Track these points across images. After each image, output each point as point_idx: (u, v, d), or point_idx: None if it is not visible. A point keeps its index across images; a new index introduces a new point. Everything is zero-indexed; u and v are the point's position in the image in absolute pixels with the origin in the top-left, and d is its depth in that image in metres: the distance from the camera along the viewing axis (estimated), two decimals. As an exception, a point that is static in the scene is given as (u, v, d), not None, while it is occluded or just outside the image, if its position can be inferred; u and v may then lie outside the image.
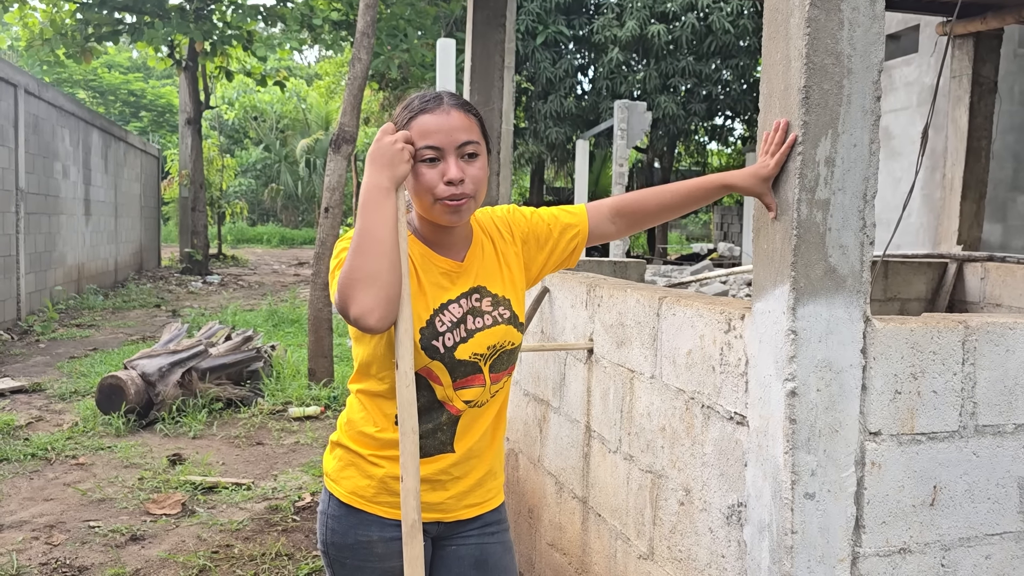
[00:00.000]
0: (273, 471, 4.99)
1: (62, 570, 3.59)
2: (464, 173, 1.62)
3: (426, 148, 1.60)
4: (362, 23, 6.69)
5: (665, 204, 1.87)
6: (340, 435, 1.78)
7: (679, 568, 2.19)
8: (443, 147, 1.61)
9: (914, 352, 1.77)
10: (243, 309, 12.09)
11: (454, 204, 1.62)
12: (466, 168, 1.63)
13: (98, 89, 33.97)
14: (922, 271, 5.05)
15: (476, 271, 1.76)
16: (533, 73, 18.83)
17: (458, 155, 1.62)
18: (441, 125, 1.61)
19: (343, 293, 1.49)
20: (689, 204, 1.87)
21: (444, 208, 1.63)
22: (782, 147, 1.70)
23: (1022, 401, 1.86)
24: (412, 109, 1.65)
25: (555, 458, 3.07)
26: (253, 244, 30.39)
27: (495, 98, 4.29)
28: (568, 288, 2.97)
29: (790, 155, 1.71)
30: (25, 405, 6.41)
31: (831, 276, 1.71)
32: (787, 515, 1.72)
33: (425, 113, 1.63)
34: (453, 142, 1.61)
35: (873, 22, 1.69)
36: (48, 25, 14.51)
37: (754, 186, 1.76)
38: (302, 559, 3.71)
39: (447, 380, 1.68)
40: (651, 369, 2.35)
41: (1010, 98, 9.28)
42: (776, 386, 1.74)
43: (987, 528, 1.86)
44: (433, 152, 1.61)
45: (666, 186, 1.90)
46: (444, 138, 1.61)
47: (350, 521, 1.72)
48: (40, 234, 11.32)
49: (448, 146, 1.61)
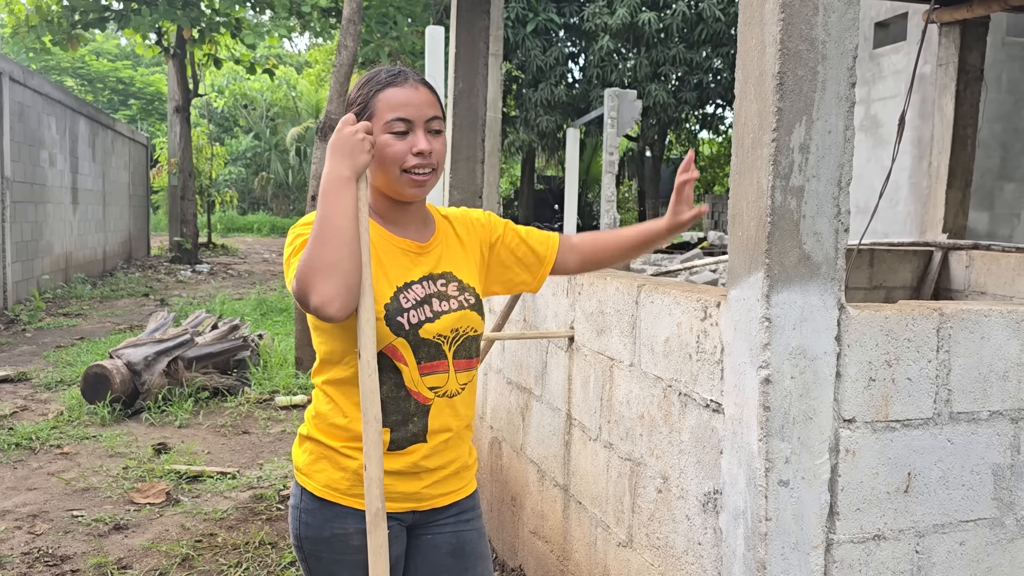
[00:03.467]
0: (259, 460, 4.98)
1: (44, 559, 3.57)
2: (431, 146, 1.66)
3: (397, 120, 1.64)
4: (348, 10, 6.65)
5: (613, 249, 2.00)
6: (309, 428, 1.76)
7: (657, 555, 2.20)
8: (414, 119, 1.65)
9: (889, 339, 1.77)
10: (232, 298, 12.04)
11: (420, 178, 1.66)
12: (432, 142, 1.67)
13: (86, 77, 33.70)
14: (908, 259, 5.06)
15: (440, 255, 1.77)
16: (523, 61, 18.77)
17: (426, 129, 1.67)
18: (411, 99, 1.66)
19: (303, 282, 1.49)
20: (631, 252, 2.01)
21: (410, 181, 1.67)
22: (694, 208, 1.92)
23: (997, 388, 1.87)
24: (379, 82, 1.68)
25: (537, 446, 3.07)
26: (243, 233, 30.26)
27: (479, 85, 4.26)
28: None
29: (764, 142, 1.70)
30: (10, 394, 6.38)
31: (805, 263, 1.70)
32: (761, 502, 1.72)
33: (393, 87, 1.67)
34: (423, 116, 1.66)
35: (848, 7, 1.68)
36: (34, 12, 14.36)
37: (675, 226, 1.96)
38: (286, 547, 3.70)
39: (411, 360, 1.67)
40: (630, 357, 2.34)
41: (997, 86, 9.30)
42: (750, 373, 1.74)
43: (961, 515, 1.87)
44: (403, 125, 1.65)
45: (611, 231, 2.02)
46: (415, 111, 1.65)
47: (325, 515, 1.71)
48: (26, 223, 11.25)
49: (418, 119, 1.66)
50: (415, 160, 1.65)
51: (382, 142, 1.64)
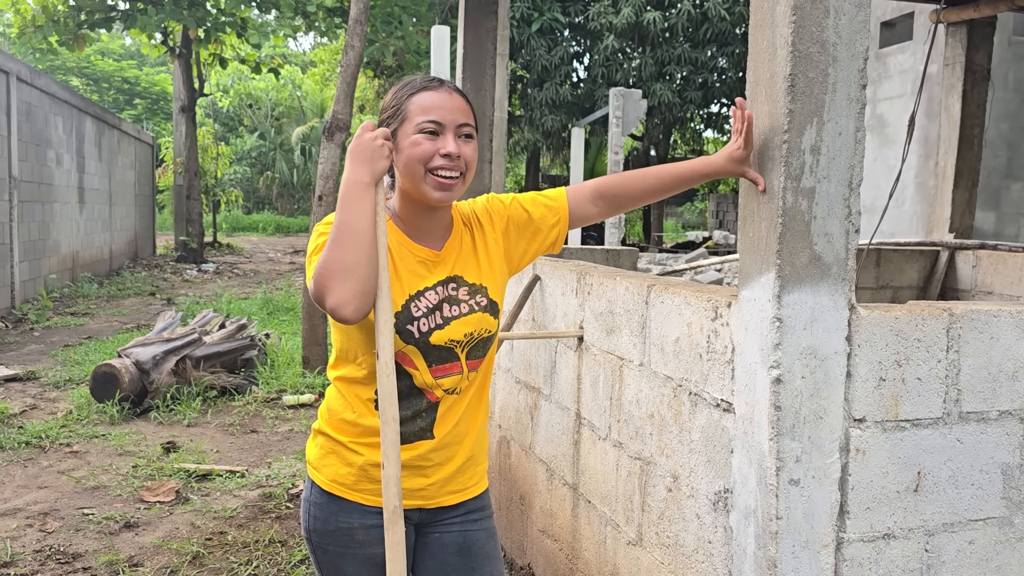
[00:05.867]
0: (267, 458, 5.01)
1: (56, 557, 3.60)
2: (460, 150, 1.66)
3: (428, 122, 1.66)
4: (355, 11, 6.66)
5: (648, 188, 1.88)
6: (321, 423, 1.80)
7: (667, 554, 2.21)
8: (445, 123, 1.67)
9: (899, 339, 1.79)
10: (238, 297, 12.08)
11: (446, 180, 1.66)
12: (462, 147, 1.68)
13: (92, 76, 33.79)
14: (914, 259, 5.07)
15: (453, 261, 1.77)
16: (529, 60, 18.78)
17: (456, 134, 1.68)
18: (444, 102, 1.67)
19: (320, 284, 1.52)
20: (670, 189, 1.89)
21: (435, 182, 1.66)
22: (744, 124, 1.74)
23: (1006, 388, 1.88)
24: (414, 86, 1.70)
25: (546, 445, 3.09)
26: (248, 232, 30.33)
27: (487, 86, 4.28)
28: (559, 276, 2.98)
29: (775, 143, 1.71)
30: (19, 393, 6.42)
31: (816, 264, 1.71)
32: (772, 501, 1.74)
33: (428, 91, 1.69)
34: (454, 120, 1.67)
35: (859, 10, 1.69)
36: (40, 12, 14.42)
37: (732, 168, 1.79)
38: (295, 546, 3.73)
39: (422, 365, 1.70)
40: (640, 357, 2.36)
41: (1004, 86, 9.29)
42: (761, 373, 1.75)
43: (971, 513, 1.88)
44: (434, 126, 1.66)
45: (648, 169, 1.90)
46: (447, 114, 1.67)
47: (331, 508, 1.74)
48: (34, 222, 11.29)
49: (450, 123, 1.67)
50: (441, 161, 1.65)
51: (411, 141, 1.65)
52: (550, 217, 1.87)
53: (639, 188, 1.88)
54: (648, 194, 1.89)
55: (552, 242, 1.90)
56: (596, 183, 1.90)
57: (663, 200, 22.29)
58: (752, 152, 1.78)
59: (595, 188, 1.89)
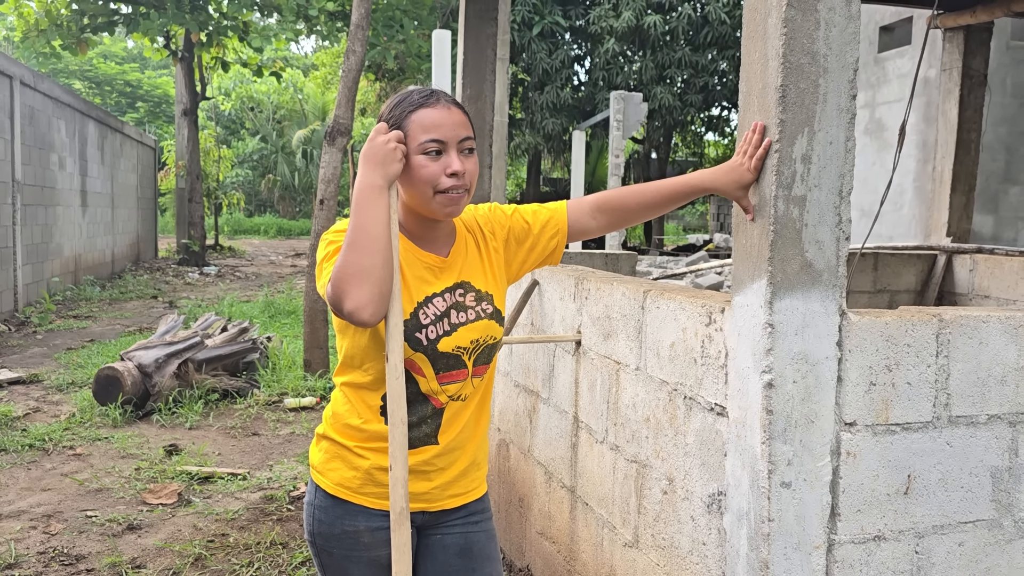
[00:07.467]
0: (268, 461, 5.04)
1: (59, 559, 3.64)
2: (464, 167, 1.68)
3: (431, 141, 1.65)
4: (356, 15, 6.70)
5: (647, 202, 1.89)
6: (326, 427, 1.82)
7: (663, 555, 2.24)
8: (447, 140, 1.66)
9: (889, 345, 1.82)
10: (240, 300, 12.12)
11: (455, 196, 1.67)
12: (465, 162, 1.69)
13: (94, 80, 33.86)
14: (912, 263, 5.10)
15: (460, 267, 1.80)
16: (529, 64, 18.82)
17: (459, 149, 1.68)
18: (444, 119, 1.67)
19: (337, 288, 1.53)
20: (670, 203, 1.90)
21: (445, 200, 1.68)
22: (759, 150, 1.74)
23: (995, 392, 1.91)
24: (412, 103, 1.69)
25: (545, 448, 3.12)
26: (250, 235, 30.38)
27: (487, 91, 4.31)
28: (557, 281, 3.01)
29: (767, 153, 1.75)
30: (23, 396, 6.45)
31: (807, 271, 1.75)
32: (764, 503, 1.77)
33: (426, 108, 1.67)
34: (456, 136, 1.67)
35: (849, 22, 1.72)
36: (43, 16, 14.47)
37: (734, 192, 1.81)
38: (296, 548, 3.76)
39: (430, 372, 1.72)
40: (636, 361, 2.39)
41: (1002, 90, 9.31)
42: (754, 378, 1.79)
43: (960, 516, 1.91)
44: (437, 145, 1.66)
45: (647, 184, 1.91)
46: (448, 132, 1.66)
47: (336, 512, 1.76)
48: (37, 225, 11.34)
49: (452, 140, 1.67)
50: (450, 181, 1.66)
51: (416, 163, 1.65)
52: (550, 229, 1.90)
53: (638, 202, 1.89)
54: (648, 208, 1.90)
55: (550, 254, 1.92)
56: (597, 197, 1.92)
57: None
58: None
59: (595, 202, 1.91)
